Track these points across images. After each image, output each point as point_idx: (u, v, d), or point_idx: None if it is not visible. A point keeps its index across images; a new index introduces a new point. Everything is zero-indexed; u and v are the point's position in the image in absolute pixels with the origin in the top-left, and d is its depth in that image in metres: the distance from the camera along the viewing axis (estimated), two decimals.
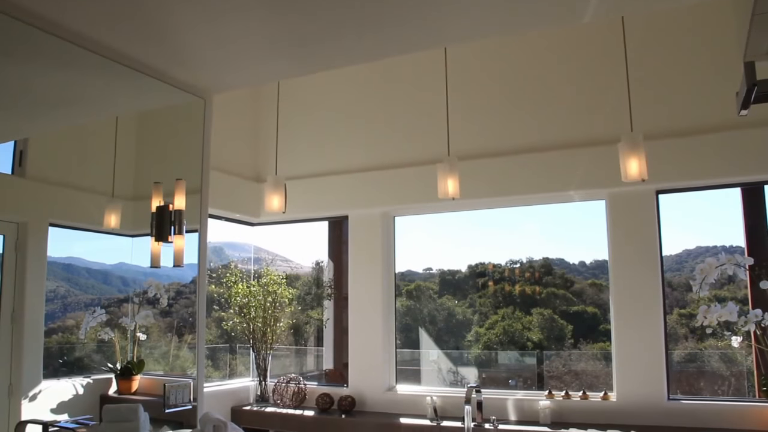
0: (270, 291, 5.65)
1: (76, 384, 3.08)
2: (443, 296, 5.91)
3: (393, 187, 5.35)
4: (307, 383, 5.56)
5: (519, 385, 5.28)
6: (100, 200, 3.24)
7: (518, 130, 5.00)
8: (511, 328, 5.51)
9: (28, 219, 2.84)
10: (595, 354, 5.16)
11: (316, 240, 6.31)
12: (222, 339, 5.91)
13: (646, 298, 4.46)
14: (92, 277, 3.27)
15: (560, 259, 5.60)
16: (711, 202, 4.82)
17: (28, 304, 2.79)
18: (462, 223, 5.76)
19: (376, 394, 5.28)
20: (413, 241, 5.78)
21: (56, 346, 3.03)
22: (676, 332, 4.87)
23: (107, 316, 3.26)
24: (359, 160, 5.57)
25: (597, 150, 4.60)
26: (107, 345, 3.27)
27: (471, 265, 5.84)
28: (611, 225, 4.66)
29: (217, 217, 5.57)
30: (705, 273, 4.25)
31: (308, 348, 6.28)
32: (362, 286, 5.48)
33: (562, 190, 4.78)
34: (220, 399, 5.34)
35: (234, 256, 5.99)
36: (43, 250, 2.91)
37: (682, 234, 4.84)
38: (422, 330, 5.85)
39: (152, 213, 3.34)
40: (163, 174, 3.50)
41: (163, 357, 3.71)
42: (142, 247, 3.37)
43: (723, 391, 4.67)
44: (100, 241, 3.28)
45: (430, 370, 5.68)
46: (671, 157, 4.39)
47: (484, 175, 4.97)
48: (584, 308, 5.40)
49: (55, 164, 3.07)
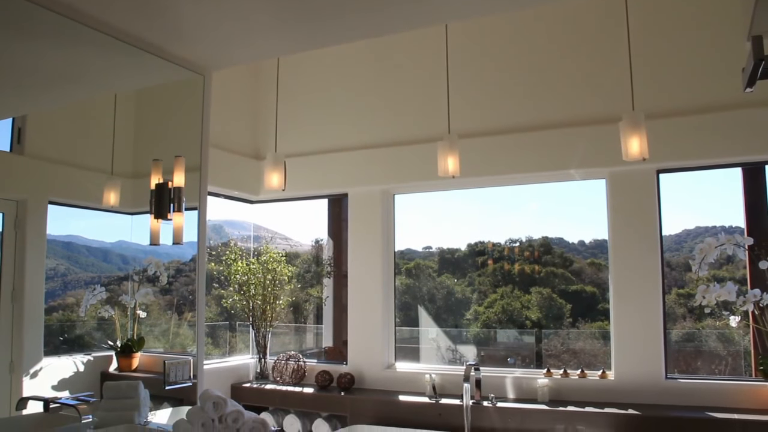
0: (269, 269, 5.65)
1: (77, 361, 3.09)
2: (442, 275, 5.92)
3: (393, 165, 5.34)
4: (307, 361, 5.58)
5: (517, 363, 5.31)
6: (99, 178, 3.22)
7: (519, 108, 4.98)
8: (509, 306, 5.52)
9: (27, 197, 2.83)
10: (594, 333, 5.18)
11: (315, 218, 6.31)
12: (222, 317, 5.93)
13: (645, 278, 4.47)
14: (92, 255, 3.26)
15: (559, 238, 5.60)
16: (711, 183, 4.82)
17: (28, 281, 2.79)
18: (461, 201, 5.76)
19: (375, 372, 5.31)
20: (413, 220, 5.78)
21: (57, 323, 3.03)
22: (675, 312, 4.89)
23: (107, 294, 3.26)
24: (359, 138, 5.55)
25: (598, 128, 4.58)
26: (107, 323, 3.28)
27: (470, 244, 5.84)
28: (611, 204, 4.65)
29: (217, 195, 5.57)
30: (704, 253, 4.26)
31: (307, 326, 6.31)
32: (362, 264, 5.48)
33: (563, 169, 4.76)
34: (220, 376, 5.37)
35: (233, 234, 5.99)
36: (43, 228, 2.90)
37: (681, 214, 4.84)
38: (421, 308, 5.87)
39: (151, 190, 3.33)
40: (162, 151, 3.48)
41: (163, 334, 3.72)
42: (141, 225, 3.36)
43: (720, 371, 4.70)
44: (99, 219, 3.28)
45: (429, 348, 5.71)
46: (672, 136, 4.37)
47: (484, 153, 4.95)
48: (583, 287, 5.41)
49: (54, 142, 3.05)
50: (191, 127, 3.59)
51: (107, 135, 3.26)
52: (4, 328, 2.68)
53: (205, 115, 3.61)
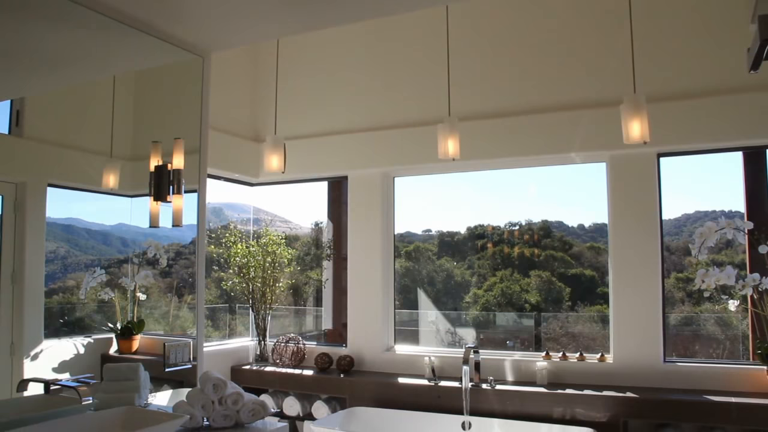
0: (269, 251, 5.66)
1: (77, 343, 3.10)
2: (442, 258, 5.93)
3: (393, 148, 5.33)
4: (306, 343, 5.60)
5: (516, 346, 5.33)
6: (99, 160, 3.21)
7: (520, 90, 4.96)
8: (509, 290, 5.53)
9: (26, 179, 2.82)
10: (592, 316, 5.19)
11: (315, 201, 6.31)
12: (221, 299, 5.94)
13: (644, 262, 4.48)
14: (92, 238, 3.26)
15: (559, 221, 5.60)
16: (711, 167, 4.81)
17: (28, 264, 2.79)
18: (461, 184, 5.75)
19: (374, 354, 5.33)
20: (412, 203, 5.77)
21: (57, 306, 3.04)
22: (673, 296, 4.90)
23: (107, 276, 3.26)
24: (359, 120, 5.53)
25: (599, 111, 4.57)
26: (107, 305, 3.28)
27: (470, 227, 5.84)
28: (611, 187, 4.65)
29: (216, 177, 5.56)
30: (704, 237, 4.26)
31: (307, 308, 6.32)
32: (361, 247, 5.49)
33: (564, 152, 4.75)
34: (219, 358, 5.39)
35: (233, 217, 5.98)
36: (42, 211, 2.90)
37: (681, 198, 4.83)
38: (421, 291, 5.88)
39: (151, 173, 3.32)
40: (161, 133, 3.47)
41: (163, 317, 3.73)
42: (141, 208, 3.35)
43: (718, 355, 4.72)
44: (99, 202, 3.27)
45: (429, 331, 5.73)
46: (673, 119, 4.36)
47: (484, 136, 4.94)
48: (582, 271, 5.42)
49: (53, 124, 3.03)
50: (191, 110, 3.58)
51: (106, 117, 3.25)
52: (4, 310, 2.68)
53: (204, 97, 3.60)
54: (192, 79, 3.56)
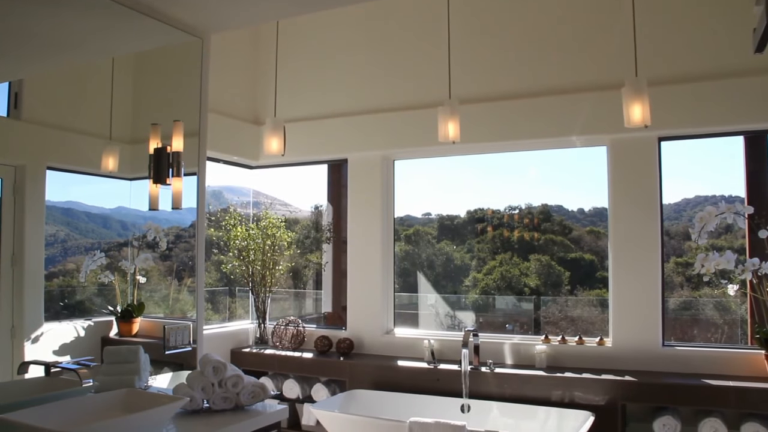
0: (269, 234, 5.65)
1: (78, 326, 3.10)
2: (442, 241, 5.93)
3: (393, 131, 5.31)
4: (306, 326, 5.62)
5: (516, 329, 5.34)
6: (98, 143, 3.19)
7: (520, 73, 4.93)
8: (508, 273, 5.54)
9: (25, 162, 2.81)
10: (592, 300, 5.21)
11: (315, 184, 6.30)
12: (221, 282, 5.95)
13: (644, 246, 4.48)
14: (92, 221, 3.25)
15: (559, 205, 5.60)
16: (711, 152, 4.80)
17: (27, 247, 2.79)
18: (461, 168, 5.74)
19: (374, 337, 5.35)
20: (412, 186, 5.76)
21: (57, 289, 3.04)
22: (672, 280, 4.91)
23: (107, 259, 3.26)
24: (359, 103, 5.51)
25: (600, 95, 4.55)
26: (107, 288, 3.28)
27: (470, 211, 5.84)
28: (612, 171, 4.64)
29: (216, 160, 5.54)
30: (704, 221, 4.26)
31: (307, 291, 6.33)
32: (361, 230, 5.48)
33: (564, 136, 4.74)
34: (219, 341, 5.41)
35: (233, 200, 5.98)
36: (42, 194, 2.89)
37: (681, 183, 4.82)
38: (420, 274, 5.89)
39: (150, 155, 3.31)
40: (160, 116, 3.45)
41: (163, 300, 3.73)
42: (140, 191, 3.34)
43: (716, 339, 4.74)
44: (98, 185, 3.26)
45: (428, 314, 5.74)
46: (675, 103, 4.34)
47: (485, 119, 4.92)
48: (582, 255, 5.43)
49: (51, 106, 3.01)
50: (190, 92, 3.56)
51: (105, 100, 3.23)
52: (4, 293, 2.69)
53: (203, 80, 3.58)
54: (191, 62, 3.53)
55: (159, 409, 2.50)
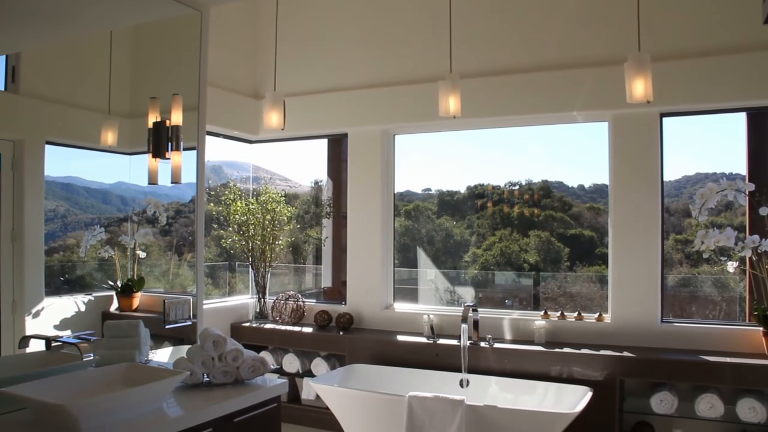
0: (269, 209, 5.65)
1: (78, 301, 3.11)
2: (442, 217, 5.92)
3: (393, 105, 5.28)
4: (306, 301, 5.64)
5: (515, 305, 5.36)
6: (97, 117, 3.17)
7: (522, 48, 4.89)
8: (508, 249, 5.54)
9: (24, 137, 2.79)
10: (591, 277, 5.22)
11: (315, 158, 6.28)
12: (221, 257, 5.95)
13: (644, 223, 4.47)
14: (91, 197, 3.24)
15: (559, 182, 5.58)
16: (712, 129, 4.77)
17: (27, 222, 2.78)
18: (461, 143, 5.72)
19: (373, 312, 5.37)
20: (412, 161, 5.74)
21: (58, 264, 3.03)
22: (671, 257, 4.91)
23: (107, 234, 3.25)
24: (360, 77, 5.47)
25: (602, 70, 4.52)
26: (108, 263, 3.28)
27: (470, 186, 5.83)
28: (613, 148, 4.62)
29: (215, 134, 5.51)
30: (705, 198, 4.25)
31: (307, 266, 6.34)
32: (361, 205, 5.48)
33: (566, 111, 4.71)
34: (219, 316, 5.43)
35: (232, 175, 5.96)
36: (41, 169, 2.87)
37: (682, 160, 4.81)
38: (420, 250, 5.90)
39: (149, 129, 3.29)
40: (159, 90, 3.42)
41: (163, 275, 3.74)
42: (140, 166, 3.33)
43: (714, 316, 4.76)
44: (97, 160, 3.24)
45: (428, 290, 5.76)
46: (677, 79, 4.31)
47: (486, 93, 4.89)
48: (581, 231, 5.42)
49: (49, 80, 2.98)
50: (189, 66, 3.53)
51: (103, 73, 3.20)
52: (5, 268, 2.68)
53: (202, 53, 3.55)
54: (190, 35, 3.50)
55: (159, 382, 2.52)
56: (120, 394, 2.41)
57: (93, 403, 2.25)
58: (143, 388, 2.44)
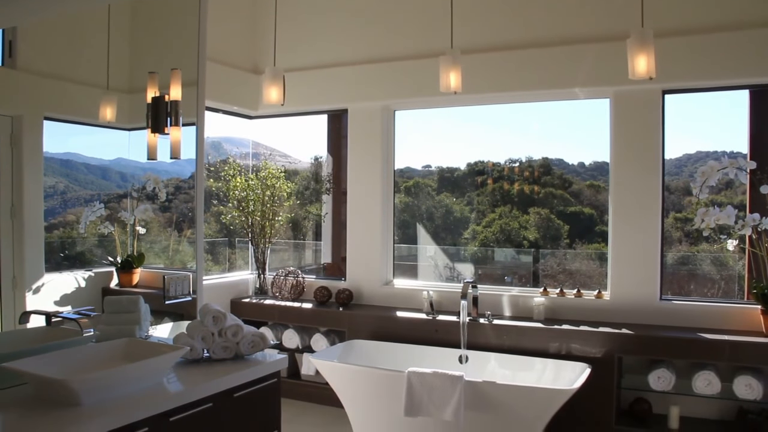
0: (268, 185, 5.63)
1: (78, 277, 3.11)
2: (441, 193, 5.92)
3: (394, 80, 5.24)
4: (306, 277, 5.64)
5: (514, 282, 5.37)
6: (95, 93, 3.14)
7: (524, 23, 4.85)
8: (507, 226, 5.54)
9: (22, 112, 2.76)
10: (590, 254, 5.22)
11: (314, 135, 6.25)
12: (221, 234, 5.96)
13: (644, 200, 4.47)
14: (91, 173, 3.23)
15: (559, 159, 5.57)
16: (714, 107, 4.75)
17: (26, 198, 2.77)
18: (462, 120, 5.69)
19: (373, 288, 5.38)
20: (412, 138, 5.72)
21: (58, 240, 3.03)
22: (671, 235, 4.91)
23: (107, 211, 3.25)
24: (360, 52, 5.42)
25: (604, 46, 4.48)
26: (107, 239, 3.28)
27: (470, 163, 5.81)
28: (614, 124, 4.60)
29: (215, 110, 5.48)
30: (706, 176, 4.24)
31: (306, 242, 6.35)
32: (361, 182, 5.47)
33: (567, 87, 4.68)
34: (219, 292, 5.44)
35: (232, 152, 5.94)
36: (39, 144, 2.85)
37: (683, 138, 4.78)
38: (420, 226, 5.90)
39: (148, 104, 3.27)
40: (158, 64, 3.39)
41: (163, 251, 3.74)
42: (139, 142, 3.31)
43: (712, 294, 4.77)
44: (97, 136, 3.22)
45: (427, 266, 5.77)
46: (680, 56, 4.27)
47: (487, 69, 4.85)
48: (581, 209, 5.42)
49: (47, 55, 2.95)
50: (188, 40, 3.50)
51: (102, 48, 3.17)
52: (5, 244, 2.68)
53: (201, 28, 3.51)
54: (189, 9, 3.46)
55: (159, 358, 2.52)
56: (120, 369, 2.42)
57: (93, 378, 2.26)
58: (143, 363, 2.45)
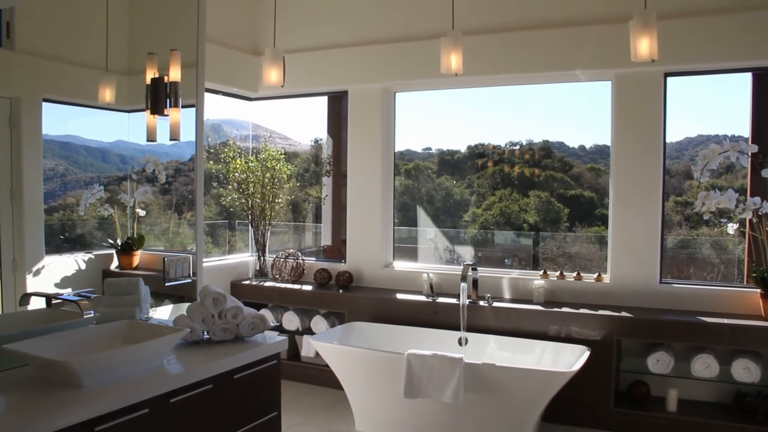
0: (268, 167, 5.62)
1: (78, 259, 3.11)
2: (442, 176, 5.91)
3: (394, 62, 5.21)
4: (306, 259, 5.65)
5: (514, 265, 5.38)
6: (94, 74, 3.12)
7: (526, 5, 4.81)
8: (508, 209, 5.54)
9: (20, 94, 2.75)
10: (590, 237, 5.22)
11: (314, 117, 6.23)
12: (221, 216, 5.95)
13: (645, 184, 4.46)
14: (91, 156, 3.22)
15: (560, 142, 5.55)
16: (716, 90, 4.73)
17: (26, 180, 2.76)
18: (462, 102, 5.67)
19: (373, 270, 5.38)
20: (413, 120, 5.70)
21: (58, 223, 3.03)
22: (671, 219, 4.91)
23: (107, 193, 3.24)
24: (360, 34, 5.39)
25: (607, 28, 4.45)
26: (107, 222, 3.28)
27: (470, 146, 5.80)
28: (616, 107, 4.57)
29: (214, 92, 5.46)
30: (708, 159, 4.23)
31: (306, 224, 6.35)
32: (361, 164, 5.45)
33: (569, 69, 4.65)
34: (219, 274, 5.45)
35: (232, 134, 5.92)
36: (38, 126, 2.84)
37: (684, 121, 4.77)
38: (420, 209, 5.89)
39: (147, 85, 3.25)
40: (157, 45, 3.37)
41: (163, 234, 3.74)
42: (138, 124, 3.29)
43: (712, 278, 4.78)
44: (96, 118, 3.21)
45: (427, 249, 5.77)
46: (683, 38, 4.25)
47: (488, 51, 4.82)
48: (581, 192, 5.41)
49: (45, 36, 2.93)
50: (187, 21, 3.47)
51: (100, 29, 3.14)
52: (5, 226, 2.68)
53: (201, 8, 3.49)
54: None
55: (160, 339, 2.53)
56: (121, 351, 2.43)
57: (94, 360, 2.26)
58: (144, 345, 2.45)
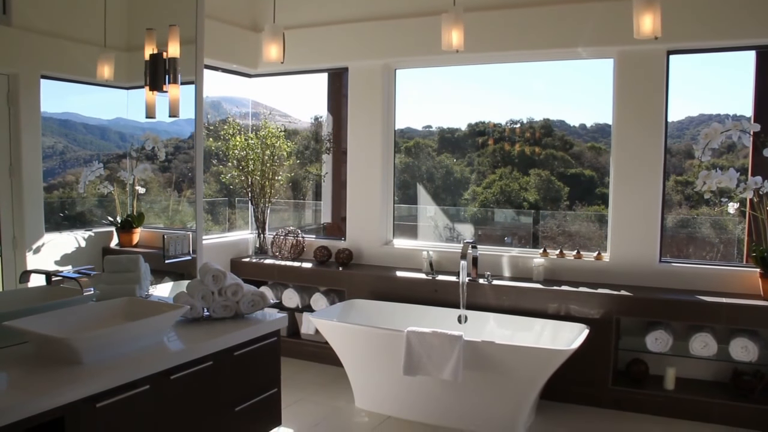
0: (268, 144, 5.60)
1: (78, 237, 3.11)
2: (442, 154, 5.89)
3: (395, 38, 5.17)
4: (305, 236, 5.65)
5: (514, 243, 5.38)
6: (92, 50, 3.10)
7: None
8: (508, 187, 5.53)
9: (18, 71, 2.73)
10: (590, 216, 5.22)
11: (314, 94, 6.19)
12: (221, 193, 5.94)
13: (646, 163, 4.45)
14: (90, 133, 3.21)
15: (561, 120, 5.53)
16: (718, 69, 4.69)
17: (25, 158, 2.75)
18: (463, 80, 5.63)
19: (373, 248, 5.39)
20: (413, 98, 5.67)
21: (57, 200, 3.03)
22: (671, 198, 4.91)
23: (106, 171, 3.24)
24: (361, 9, 5.33)
25: (609, 4, 4.41)
26: (107, 199, 3.27)
27: (471, 124, 5.78)
28: (618, 85, 4.54)
29: (213, 68, 5.42)
30: (709, 138, 4.21)
31: (306, 202, 6.34)
32: (361, 141, 5.43)
33: (571, 47, 4.61)
34: (219, 251, 5.45)
35: (232, 111, 5.88)
36: (37, 103, 2.82)
37: (685, 100, 4.74)
38: (420, 187, 5.88)
39: (146, 61, 3.23)
40: (155, 21, 3.34)
41: (162, 211, 3.73)
42: (137, 101, 3.28)
43: (711, 257, 4.79)
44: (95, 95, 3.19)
45: (427, 226, 5.77)
46: (686, 15, 4.21)
47: (489, 28, 4.78)
48: (582, 171, 5.40)
49: (43, 12, 2.90)
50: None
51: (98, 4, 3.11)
52: (4, 204, 2.67)
53: None
54: None
55: (160, 316, 2.54)
56: (121, 328, 2.44)
57: (94, 337, 2.27)
58: (144, 322, 2.46)
